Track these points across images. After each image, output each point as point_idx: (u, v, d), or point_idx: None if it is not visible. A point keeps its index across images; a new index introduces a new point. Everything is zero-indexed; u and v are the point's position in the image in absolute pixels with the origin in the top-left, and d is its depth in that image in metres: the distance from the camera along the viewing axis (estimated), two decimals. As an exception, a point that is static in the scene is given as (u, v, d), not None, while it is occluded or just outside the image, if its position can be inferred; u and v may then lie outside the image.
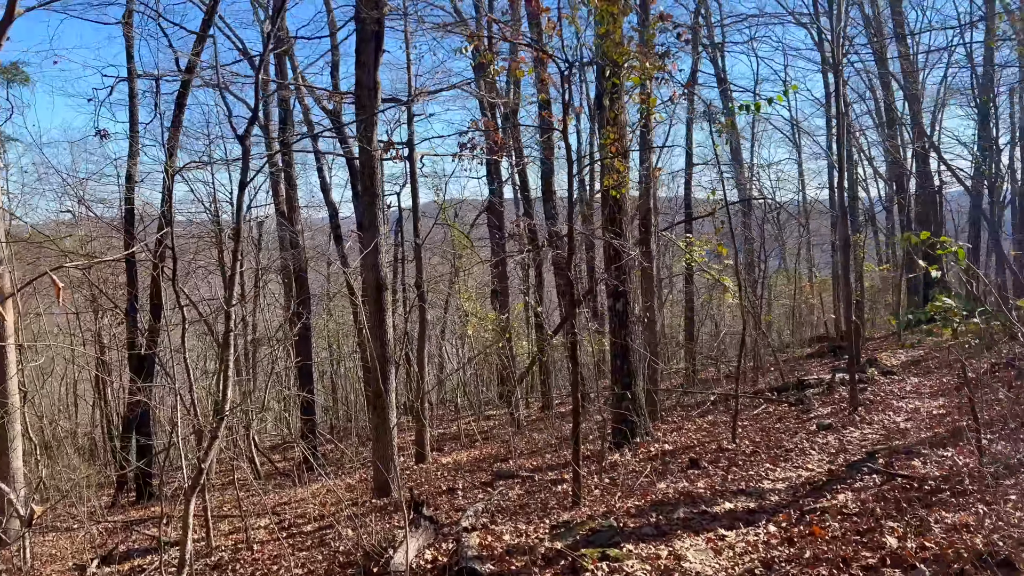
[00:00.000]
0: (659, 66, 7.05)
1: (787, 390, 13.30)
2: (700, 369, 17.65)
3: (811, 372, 15.01)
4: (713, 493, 7.25)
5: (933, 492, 5.61)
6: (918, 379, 12.87)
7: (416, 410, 15.03)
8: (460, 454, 14.47)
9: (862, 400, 10.83)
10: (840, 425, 9.52)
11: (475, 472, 12.05)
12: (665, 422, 12.60)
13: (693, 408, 13.59)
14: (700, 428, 11.60)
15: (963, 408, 9.58)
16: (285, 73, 18.55)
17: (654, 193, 11.79)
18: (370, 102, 10.95)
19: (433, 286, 26.65)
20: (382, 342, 10.90)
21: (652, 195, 11.47)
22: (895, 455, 7.15)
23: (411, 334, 18.68)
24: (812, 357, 18.15)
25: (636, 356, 10.81)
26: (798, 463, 8.11)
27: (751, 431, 10.46)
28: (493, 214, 20.88)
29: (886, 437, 8.72)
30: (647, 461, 9.52)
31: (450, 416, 23.01)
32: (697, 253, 15.35)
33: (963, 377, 6.35)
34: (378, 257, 10.99)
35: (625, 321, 10.54)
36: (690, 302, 18.58)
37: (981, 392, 10.68)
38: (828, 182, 25.43)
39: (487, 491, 9.95)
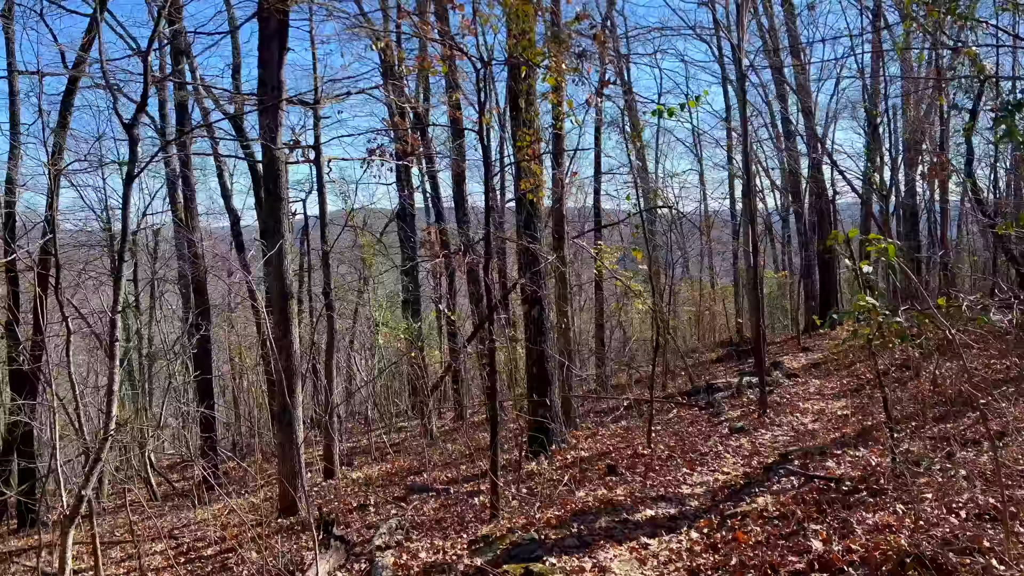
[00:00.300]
0: (575, 68, 6.90)
1: (697, 394, 13.43)
2: (611, 375, 17.70)
3: (719, 376, 15.25)
4: (633, 500, 7.11)
5: (851, 493, 5.61)
6: (819, 381, 13.24)
7: (324, 424, 14.41)
8: (371, 468, 13.94)
9: (770, 403, 11.01)
10: (752, 428, 9.61)
11: (388, 487, 11.59)
12: (580, 429, 12.48)
13: (606, 414, 13.55)
14: (615, 434, 11.53)
15: (865, 409, 9.85)
16: (183, 75, 17.61)
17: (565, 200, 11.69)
18: (274, 102, 10.41)
19: (342, 295, 25.93)
20: (288, 354, 10.34)
21: (564, 202, 11.36)
22: (809, 456, 7.19)
23: (319, 345, 18.00)
24: (718, 362, 18.50)
25: (552, 363, 10.65)
26: (714, 467, 8.09)
27: (665, 435, 10.45)
28: (404, 221, 20.45)
29: (796, 438, 8.84)
30: (565, 469, 9.34)
31: (360, 429, 22.33)
32: (608, 260, 15.39)
33: (876, 376, 6.42)
34: (283, 264, 10.44)
35: (542, 328, 10.36)
36: (600, 309, 18.65)
37: (881, 392, 11.05)
38: (729, 192, 26.25)
39: (401, 506, 9.55)
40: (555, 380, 10.75)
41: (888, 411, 6.10)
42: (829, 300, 21.55)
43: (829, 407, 10.70)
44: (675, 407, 12.67)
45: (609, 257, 15.67)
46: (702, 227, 26.99)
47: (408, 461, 13.87)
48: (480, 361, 19.73)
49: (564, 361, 11.29)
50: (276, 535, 9.75)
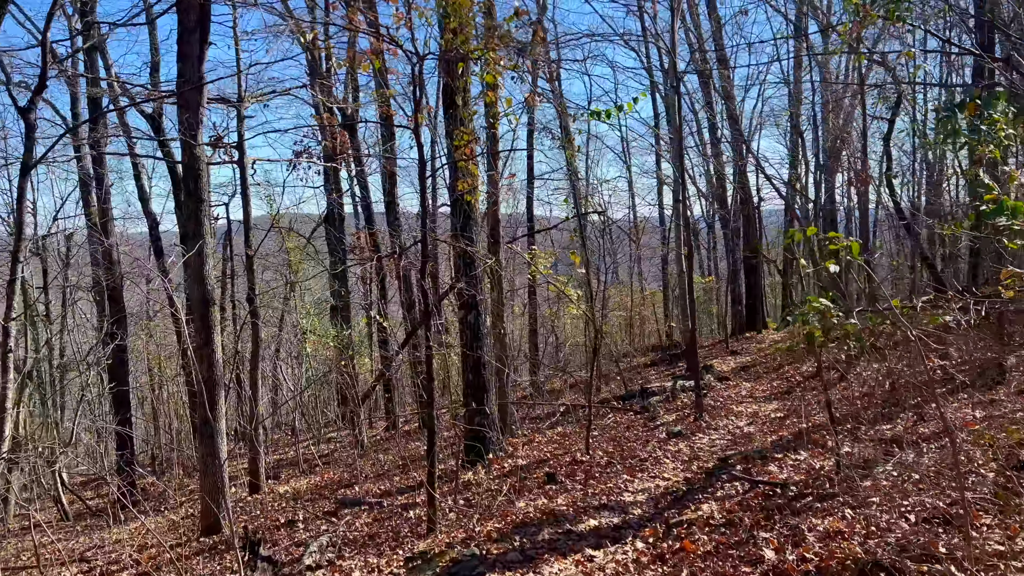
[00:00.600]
0: (513, 65, 6.65)
1: (631, 398, 13.35)
2: (546, 381, 17.53)
3: (652, 380, 15.24)
4: (576, 510, 6.87)
5: (797, 498, 5.50)
6: (750, 384, 13.34)
7: (249, 436, 13.75)
8: (300, 481, 13.35)
9: (705, 406, 10.97)
10: (689, 432, 9.52)
11: (317, 501, 11.08)
12: (516, 436, 12.22)
13: (542, 420, 13.34)
14: (552, 440, 11.31)
15: (798, 411, 9.90)
16: (96, 70, 16.65)
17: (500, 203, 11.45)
18: (194, 98, 9.82)
19: (267, 302, 25.02)
20: (209, 363, 9.75)
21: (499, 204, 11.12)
22: (750, 461, 7.10)
23: (243, 354, 17.26)
24: (649, 366, 18.56)
25: (490, 369, 10.36)
26: (655, 472, 7.94)
27: (602, 441, 10.28)
28: (333, 226, 19.82)
29: (734, 442, 8.78)
30: (503, 478, 9.05)
31: (288, 440, 21.55)
32: (542, 265, 15.22)
33: (820, 379, 6.36)
34: (204, 268, 9.85)
35: (478, 333, 10.06)
36: (533, 315, 18.48)
37: (824, 395, 11.16)
38: (658, 199, 26.54)
39: (332, 521, 9.08)
40: (492, 387, 10.46)
41: (831, 413, 6.03)
42: (755, 305, 21.93)
43: (762, 410, 10.74)
44: (611, 412, 12.55)
45: (543, 262, 15.50)
46: (631, 233, 27.22)
47: (338, 473, 13.34)
48: (413, 369, 19.29)
49: (502, 367, 11.03)
50: (197, 556, 9.15)
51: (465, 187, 7.37)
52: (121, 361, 16.45)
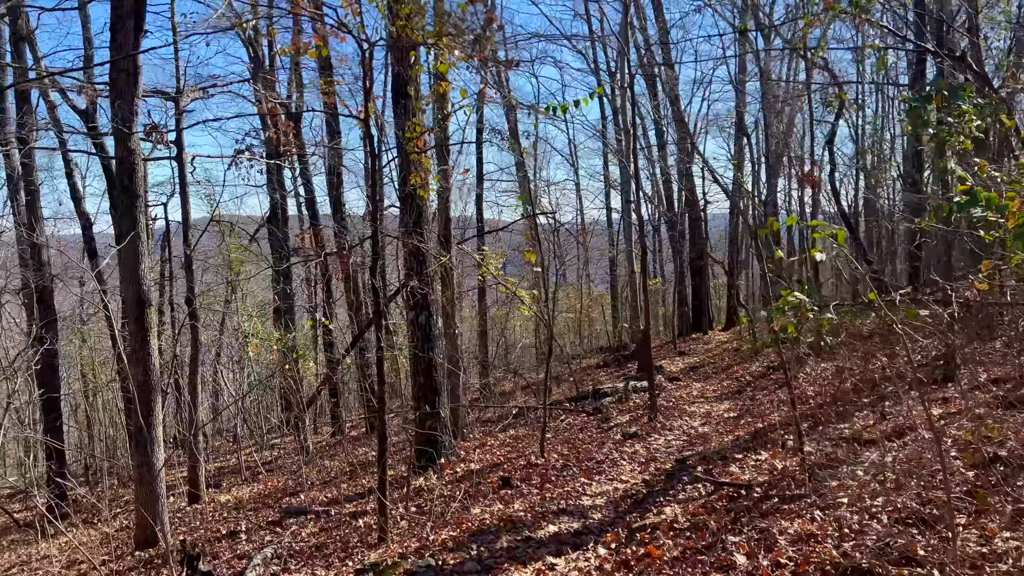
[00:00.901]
0: (468, 55, 6.36)
1: (584, 399, 13.17)
2: (496, 383, 17.25)
3: (603, 381, 15.09)
4: (534, 516, 6.59)
5: (762, 499, 5.33)
6: (700, 384, 13.29)
7: (189, 443, 13.10)
8: (242, 490, 12.77)
9: (658, 407, 10.83)
10: (644, 433, 9.35)
11: (261, 510, 10.56)
12: (468, 439, 11.90)
13: (494, 423, 13.04)
14: (504, 443, 11.03)
15: (752, 410, 9.83)
16: (25, 61, 15.74)
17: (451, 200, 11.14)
18: (129, 88, 9.24)
19: (207, 306, 24.15)
20: (145, 368, 9.19)
21: (450, 201, 10.82)
22: (709, 461, 6.93)
23: (182, 358, 16.52)
24: (599, 367, 18.44)
25: (441, 372, 10.03)
26: (612, 475, 7.72)
27: (557, 443, 10.04)
28: (276, 226, 19.18)
29: (690, 442, 8.63)
30: (456, 483, 8.72)
31: (230, 447, 20.79)
32: (493, 266, 14.94)
33: (785, 377, 6.21)
34: (139, 268, 9.29)
35: (429, 335, 9.71)
36: (483, 316, 18.18)
37: (789, 394, 11.14)
38: (605, 202, 26.51)
39: (276, 532, 8.61)
40: (444, 389, 10.13)
41: (795, 412, 5.88)
42: (702, 306, 22.06)
43: (715, 409, 10.65)
44: (564, 413, 12.33)
45: (494, 263, 15.24)
46: (579, 235, 27.16)
47: (283, 481, 12.81)
48: (361, 372, 18.77)
49: (455, 369, 10.72)
50: (131, 571, 8.59)
51: (418, 181, 7.03)
52: (51, 367, 15.57)
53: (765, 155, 20.54)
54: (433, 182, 8.30)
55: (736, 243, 21.92)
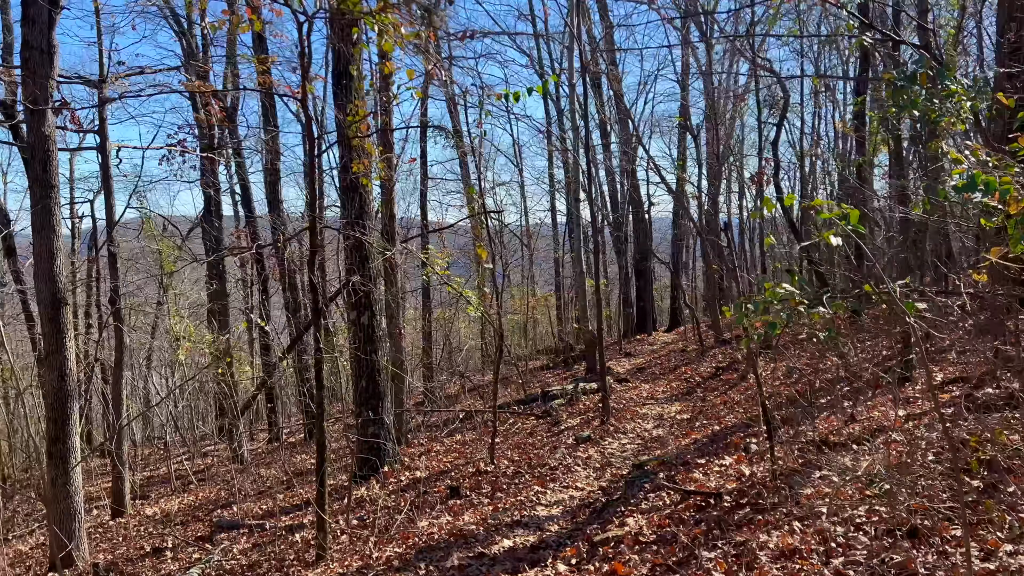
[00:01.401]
0: (415, 34, 5.84)
1: (532, 402, 12.73)
2: (441, 386, 16.68)
3: (551, 383, 14.67)
4: (486, 529, 6.09)
5: (733, 509, 4.94)
6: (649, 385, 13.00)
7: (112, 453, 12.16)
8: (171, 502, 11.91)
9: (609, 409, 10.45)
10: (597, 437, 8.93)
11: (190, 524, 9.79)
12: (412, 445, 11.31)
13: (439, 427, 12.48)
14: (451, 449, 10.48)
15: (706, 412, 9.52)
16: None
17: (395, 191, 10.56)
18: (43, 68, 8.39)
19: (138, 307, 22.92)
20: (60, 372, 8.35)
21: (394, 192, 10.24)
22: (672, 468, 6.53)
23: (107, 362, 15.47)
24: (546, 368, 18.04)
25: (385, 375, 9.43)
26: (567, 482, 7.26)
27: (506, 449, 9.55)
28: (210, 225, 18.20)
29: (644, 446, 8.26)
30: (400, 493, 8.15)
31: (160, 455, 19.65)
32: (438, 265, 14.37)
33: (756, 378, 5.84)
34: (54, 265, 8.44)
35: (372, 336, 9.11)
36: (428, 318, 17.58)
37: (759, 396, 10.87)
38: (550, 203, 26.18)
39: (205, 549, 7.89)
40: (388, 394, 9.54)
41: (766, 414, 5.51)
42: (646, 307, 21.92)
43: (666, 411, 10.33)
44: (512, 417, 11.85)
45: (439, 263, 14.66)
46: (523, 236, 26.75)
47: (215, 491, 12.00)
48: (299, 376, 17.92)
49: (399, 373, 10.14)
50: (42, 597, 7.78)
51: (360, 169, 6.46)
52: (-39, 372, 14.34)
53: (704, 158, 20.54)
54: (376, 170, 7.70)
55: (680, 244, 21.86)
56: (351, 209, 7.95)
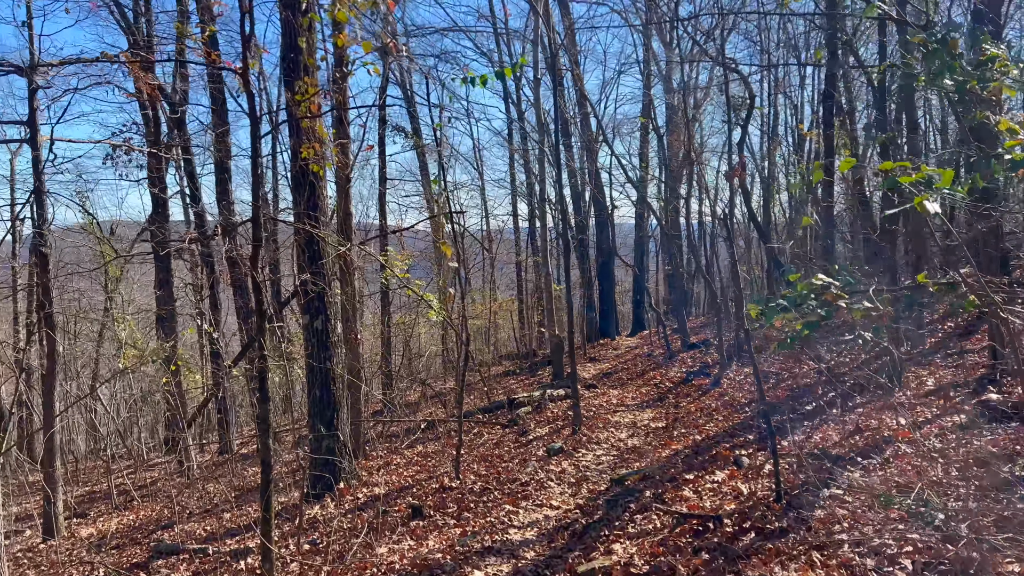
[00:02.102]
0: (372, 1, 5.11)
1: (497, 410, 12.03)
2: (401, 394, 15.86)
3: (516, 390, 13.99)
4: (454, 556, 5.35)
5: (736, 535, 4.30)
6: (618, 391, 12.39)
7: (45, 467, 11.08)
8: (110, 521, 10.89)
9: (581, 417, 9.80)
10: (570, 448, 8.25)
11: (127, 547, 8.83)
12: (370, 457, 10.51)
13: (400, 438, 11.68)
14: (412, 462, 9.71)
15: (683, 420, 8.93)
16: None
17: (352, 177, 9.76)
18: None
19: (82, 315, 21.65)
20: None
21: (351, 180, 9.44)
22: (657, 484, 5.88)
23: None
24: (509, 374, 17.34)
25: (340, 383, 8.63)
26: (541, 499, 6.57)
27: (472, 461, 8.82)
28: (159, 228, 17.09)
29: (621, 458, 7.61)
30: (357, 512, 7.36)
31: (103, 469, 18.42)
32: (398, 268, 13.59)
33: (758, 382, 5.22)
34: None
35: (326, 342, 8.31)
36: (387, 323, 16.72)
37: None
38: (512, 207, 25.51)
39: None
40: (344, 403, 8.73)
41: (770, 423, 4.87)
42: (609, 311, 21.40)
43: (639, 419, 9.72)
44: (477, 426, 11.13)
45: (399, 265, 13.89)
46: (484, 241, 26.06)
47: (158, 509, 11.01)
48: (249, 385, 16.93)
49: (356, 381, 9.34)
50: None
51: (311, 154, 5.70)
52: None
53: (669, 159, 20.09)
54: (331, 156, 6.91)
55: (643, 247, 21.40)
56: (302, 200, 7.16)
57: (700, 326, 18.09)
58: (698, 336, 15.87)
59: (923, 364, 7.81)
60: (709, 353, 13.23)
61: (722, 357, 11.00)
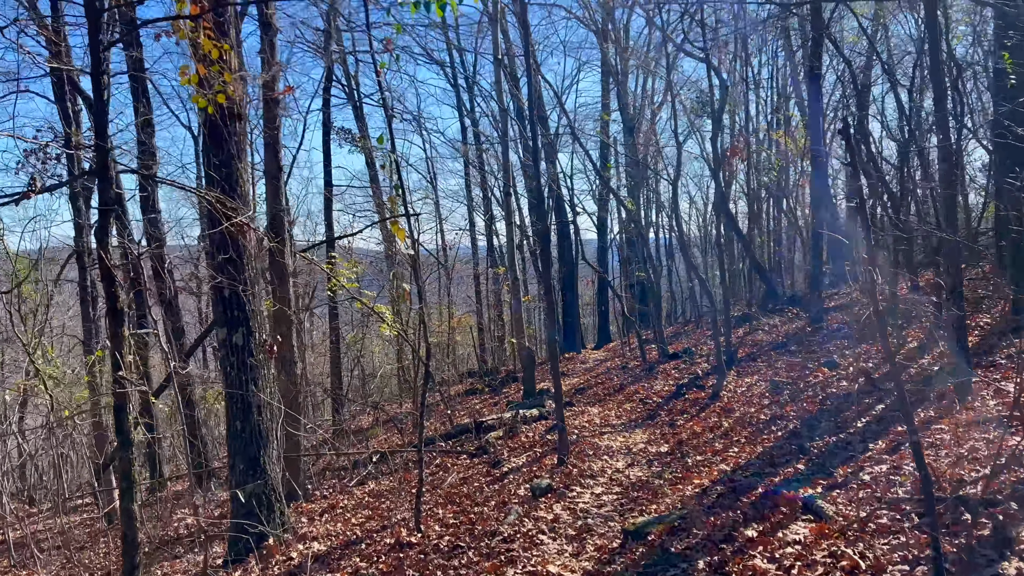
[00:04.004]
0: None
1: (462, 434, 10.10)
2: (352, 418, 13.80)
3: (483, 411, 12.08)
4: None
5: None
6: (597, 408, 10.57)
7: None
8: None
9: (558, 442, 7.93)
10: (560, 485, 6.37)
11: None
12: (312, 499, 8.47)
13: (349, 471, 9.65)
14: (362, 504, 7.72)
15: (688, 442, 7.15)
16: None
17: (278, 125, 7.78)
18: None
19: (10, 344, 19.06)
20: None
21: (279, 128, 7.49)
22: (703, 544, 4.05)
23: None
24: (472, 393, 15.39)
25: (268, 412, 6.63)
26: (533, 563, 4.67)
27: (436, 504, 6.87)
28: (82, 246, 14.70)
29: (627, 496, 5.77)
30: (286, 584, 5.36)
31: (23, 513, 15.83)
32: (345, 277, 11.60)
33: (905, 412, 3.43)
34: None
35: (246, 360, 6.33)
36: (336, 340, 14.63)
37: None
38: (468, 220, 23.65)
39: None
40: (273, 437, 6.72)
41: (922, 464, 3.10)
42: (574, 323, 19.70)
43: (632, 441, 7.91)
44: (440, 456, 9.18)
45: (347, 273, 11.89)
46: (439, 255, 24.14)
47: (55, 571, 8.77)
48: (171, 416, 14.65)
49: (294, 413, 7.34)
50: None
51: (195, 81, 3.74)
52: None
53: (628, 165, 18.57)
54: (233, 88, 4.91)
55: (605, 256, 19.81)
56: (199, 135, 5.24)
57: (672, 335, 16.45)
58: (675, 345, 14.21)
59: (979, 365, 6.20)
60: (696, 363, 11.55)
61: (720, 364, 9.30)
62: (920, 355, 7.38)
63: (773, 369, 9.43)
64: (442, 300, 24.02)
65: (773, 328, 12.58)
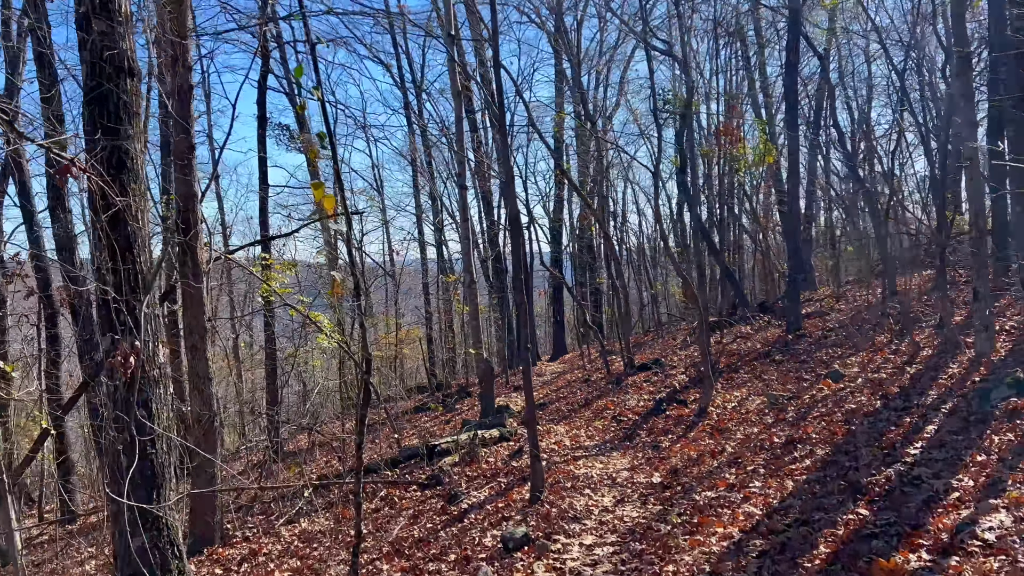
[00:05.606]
0: None
1: (411, 459, 8.60)
2: (285, 439, 12.10)
3: (435, 432, 10.60)
4: None
5: None
6: (565, 428, 9.20)
7: None
8: None
9: (529, 470, 6.52)
10: (539, 532, 4.96)
11: None
12: (231, 542, 6.85)
13: (278, 502, 8.02)
14: (290, 549, 6.16)
15: (684, 471, 5.84)
16: None
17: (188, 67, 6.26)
18: None
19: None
20: None
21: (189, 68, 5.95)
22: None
23: None
24: (421, 410, 13.86)
25: (163, 442, 5.05)
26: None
27: (379, 555, 5.38)
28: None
29: (627, 549, 4.41)
30: None
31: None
32: (277, 281, 10.00)
33: None
34: None
35: (134, 377, 4.76)
36: (273, 354, 12.89)
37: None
38: (417, 230, 22.14)
39: None
40: (167, 474, 5.14)
41: None
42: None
43: (612, 469, 6.57)
44: (384, 487, 7.65)
45: (278, 278, 10.33)
46: (386, 264, 22.53)
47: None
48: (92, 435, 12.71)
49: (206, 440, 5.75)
50: None
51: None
52: None
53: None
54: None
55: (560, 264, 18.58)
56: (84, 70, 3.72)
57: (634, 345, 15.28)
58: (640, 356, 13.00)
59: None
60: (670, 375, 10.33)
61: (708, 377, 8.05)
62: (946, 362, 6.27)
63: (763, 381, 8.25)
64: (389, 311, 22.39)
65: (748, 336, 11.50)
